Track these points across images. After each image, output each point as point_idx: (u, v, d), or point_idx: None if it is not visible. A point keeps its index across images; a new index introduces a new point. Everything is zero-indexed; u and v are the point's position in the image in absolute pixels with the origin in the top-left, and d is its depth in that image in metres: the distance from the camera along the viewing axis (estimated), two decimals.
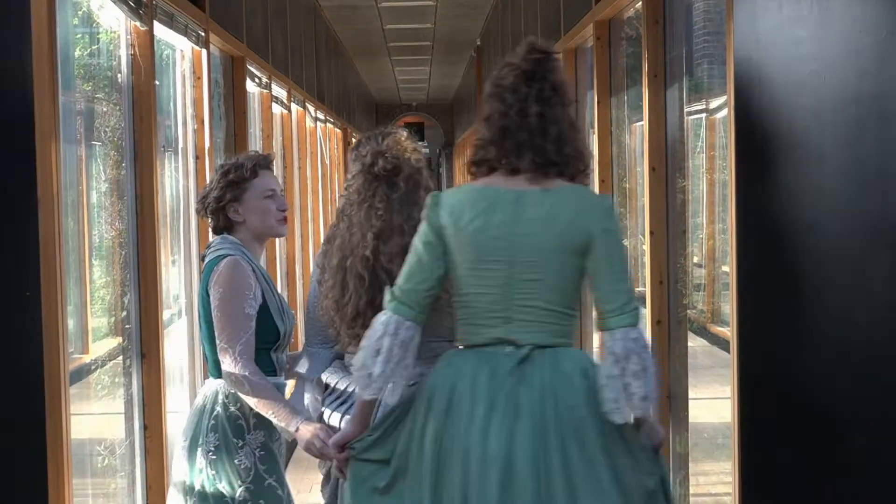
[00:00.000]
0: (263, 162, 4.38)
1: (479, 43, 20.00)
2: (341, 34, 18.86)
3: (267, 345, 4.18)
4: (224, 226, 4.31)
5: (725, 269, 5.88)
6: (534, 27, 10.95)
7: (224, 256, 4.17)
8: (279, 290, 5.29)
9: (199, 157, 7.21)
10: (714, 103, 5.64)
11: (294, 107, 12.58)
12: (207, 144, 7.23)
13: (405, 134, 4.12)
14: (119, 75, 5.69)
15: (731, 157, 4.08)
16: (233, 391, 4.10)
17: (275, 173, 4.46)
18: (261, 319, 4.15)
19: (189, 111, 7.21)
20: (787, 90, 3.47)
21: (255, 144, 10.20)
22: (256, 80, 9.73)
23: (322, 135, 15.86)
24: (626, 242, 7.37)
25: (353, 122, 23.00)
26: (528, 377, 3.30)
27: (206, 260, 4.27)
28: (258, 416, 4.10)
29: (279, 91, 11.20)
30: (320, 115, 15.66)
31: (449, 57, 22.83)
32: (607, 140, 7.37)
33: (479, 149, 3.45)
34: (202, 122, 7.24)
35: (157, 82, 5.91)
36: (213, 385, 4.22)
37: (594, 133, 7.46)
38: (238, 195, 4.27)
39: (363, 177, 3.96)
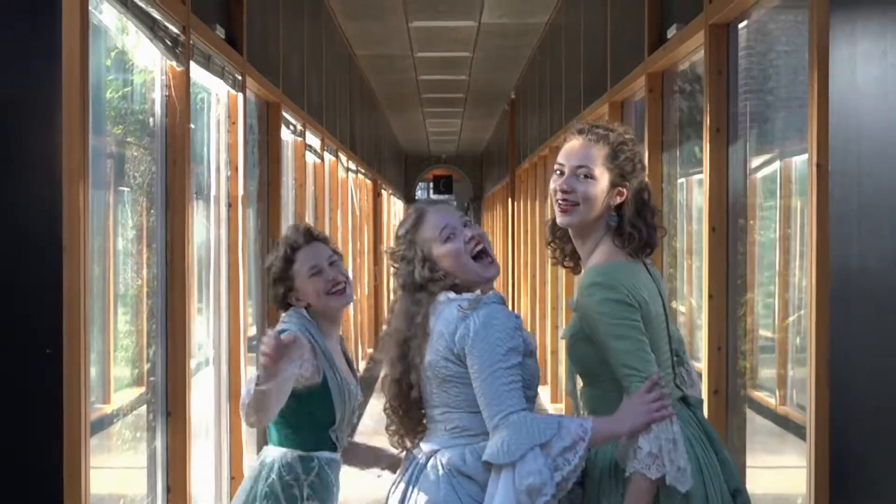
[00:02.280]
0: (296, 242, 4.33)
1: (513, 96, 19.76)
2: (375, 84, 18.65)
3: (326, 424, 4.14)
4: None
5: (763, 332, 5.54)
6: (576, 79, 10.67)
7: (282, 332, 3.95)
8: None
9: (231, 205, 6.93)
10: (792, 157, 5.31)
11: (327, 156, 12.31)
12: (241, 192, 6.95)
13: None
14: (152, 118, 5.42)
15: (811, 215, 3.76)
16: (288, 461, 4.12)
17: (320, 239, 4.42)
18: (320, 398, 4.06)
19: (223, 157, 6.93)
20: (890, 146, 3.14)
21: (288, 193, 9.92)
22: (291, 127, 9.46)
23: (353, 185, 15.59)
24: (679, 306, 7.04)
25: (382, 173, 22.76)
26: None
27: None
28: (312, 485, 4.11)
29: (313, 139, 10.94)
30: (352, 165, 15.40)
31: (481, 109, 22.59)
32: (658, 197, 7.05)
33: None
34: (236, 168, 6.96)
35: (192, 125, 5.64)
36: (272, 453, 4.20)
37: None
38: (290, 285, 4.28)
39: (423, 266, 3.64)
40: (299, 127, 9.83)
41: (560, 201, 3.46)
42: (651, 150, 7.10)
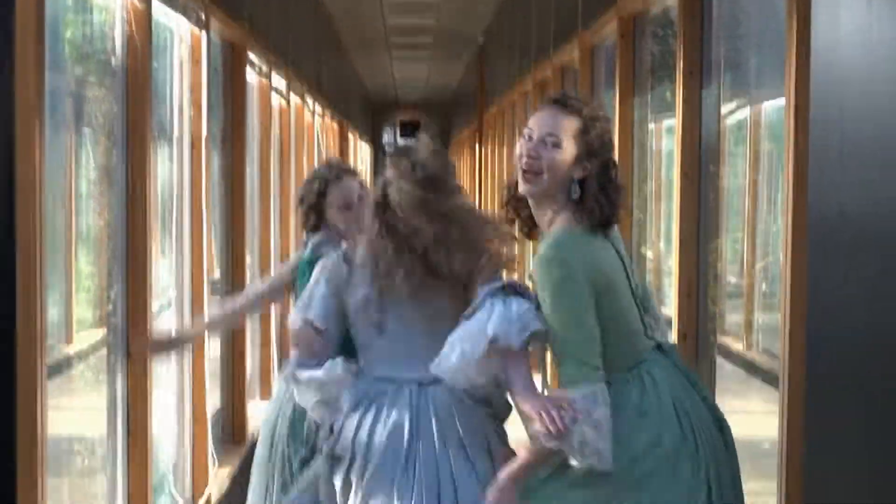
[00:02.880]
0: (329, 177, 4.94)
1: (481, 41, 19.60)
2: (342, 27, 18.45)
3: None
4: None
5: (731, 278, 5.49)
6: (546, 23, 10.55)
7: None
8: None
9: (194, 146, 6.79)
10: (762, 105, 5.23)
11: (293, 98, 12.16)
12: (204, 132, 6.82)
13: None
14: (113, 57, 5.27)
15: (789, 159, 3.69)
16: None
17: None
18: None
19: (186, 97, 6.78)
20: (871, 94, 3.06)
21: (253, 135, 9.78)
22: (256, 68, 9.31)
23: (320, 128, 15.45)
24: (648, 251, 6.98)
25: (349, 118, 22.58)
26: None
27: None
28: None
29: (279, 81, 10.78)
30: (318, 108, 15.24)
31: (449, 54, 22.42)
32: (628, 142, 6.97)
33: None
34: (199, 108, 6.82)
35: (154, 64, 5.51)
36: None
37: (615, 133, 7.04)
38: (321, 216, 4.94)
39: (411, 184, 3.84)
40: (265, 68, 9.68)
41: (524, 167, 3.47)
42: (622, 95, 7.01)
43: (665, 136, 6.78)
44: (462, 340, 3.46)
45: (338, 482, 3.78)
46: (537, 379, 3.50)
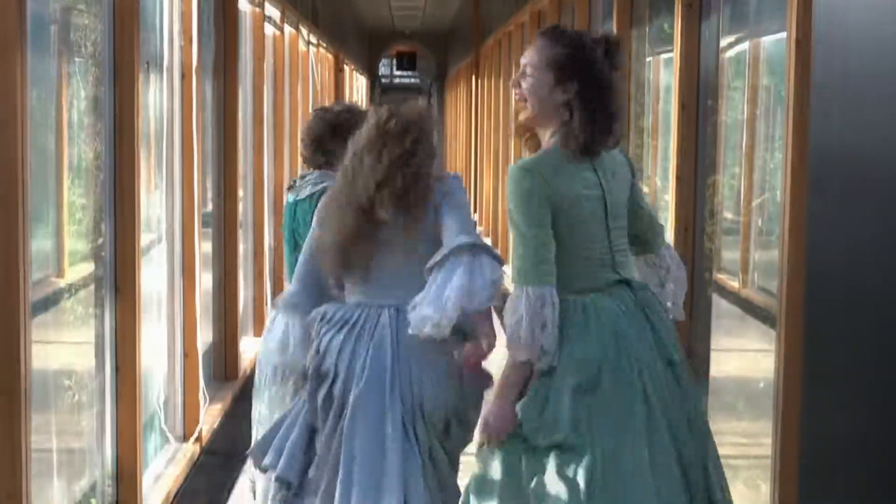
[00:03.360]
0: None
1: None
2: None
3: None
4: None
5: (727, 214, 5.41)
6: None
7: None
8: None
9: (185, 76, 6.68)
10: (761, 39, 5.12)
11: (287, 28, 12.01)
12: (195, 62, 6.70)
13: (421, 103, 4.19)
14: None
15: (789, 93, 3.60)
16: None
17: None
18: None
19: (176, 26, 6.66)
20: (876, 29, 2.96)
21: (246, 66, 9.66)
22: None
23: (315, 59, 15.29)
24: (644, 186, 6.89)
25: (345, 48, 22.37)
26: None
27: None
28: None
29: (272, 11, 10.64)
30: (313, 39, 15.08)
31: None
32: (626, 75, 6.85)
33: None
34: (190, 38, 6.70)
35: None
36: None
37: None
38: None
39: (375, 132, 4.08)
40: None
41: (516, 98, 3.68)
42: (620, 27, 6.89)
43: (663, 70, 6.67)
44: (431, 306, 3.78)
45: (320, 399, 4.01)
46: None
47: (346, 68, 23.06)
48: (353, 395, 3.94)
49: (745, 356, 5.31)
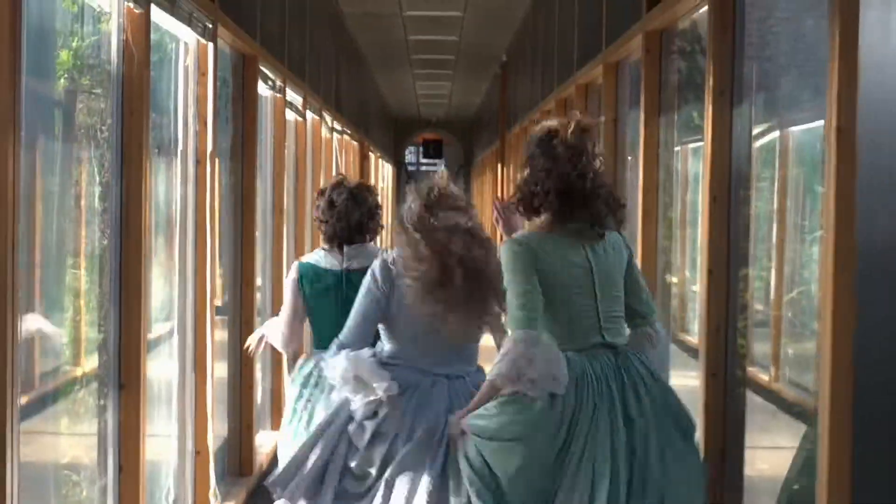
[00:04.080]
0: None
1: (505, 59, 19.31)
2: (363, 43, 18.20)
3: None
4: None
5: (758, 306, 5.17)
6: (570, 40, 10.24)
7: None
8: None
9: (200, 162, 6.50)
10: (789, 129, 4.91)
11: (310, 115, 11.87)
12: (210, 148, 6.52)
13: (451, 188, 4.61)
14: (109, 66, 4.98)
15: (830, 185, 3.36)
16: None
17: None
18: None
19: (191, 111, 6.49)
20: None
21: (266, 151, 9.50)
22: (270, 82, 9.02)
23: (339, 146, 15.16)
24: (671, 279, 6.65)
25: (370, 136, 22.30)
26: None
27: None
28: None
29: (294, 97, 10.50)
30: (336, 126, 14.97)
31: (472, 72, 22.15)
32: (654, 164, 6.65)
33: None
34: (205, 123, 6.52)
35: (151, 72, 5.21)
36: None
37: (640, 155, 6.73)
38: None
39: (421, 206, 4.52)
40: (279, 83, 9.39)
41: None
42: (647, 115, 6.69)
43: (692, 159, 6.46)
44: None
45: (377, 457, 4.42)
46: None
47: (372, 155, 22.97)
48: (405, 450, 4.38)
49: (779, 454, 5.04)
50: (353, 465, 4.42)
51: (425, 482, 4.28)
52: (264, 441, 8.91)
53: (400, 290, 4.52)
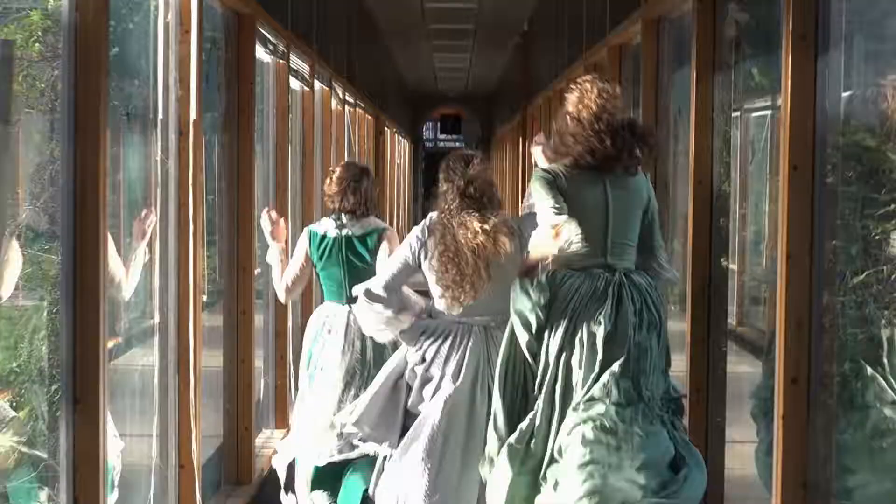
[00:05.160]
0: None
1: (525, 28, 18.36)
2: (378, 12, 17.26)
3: None
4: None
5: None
6: (600, 2, 9.31)
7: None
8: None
9: (182, 133, 5.62)
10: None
11: (318, 85, 10.98)
12: (193, 116, 5.63)
13: (481, 160, 5.43)
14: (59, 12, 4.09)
15: None
16: None
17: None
18: None
19: (172, 74, 5.61)
20: None
21: (268, 123, 8.62)
22: (270, 46, 8.12)
23: (350, 120, 14.24)
24: (729, 265, 5.75)
25: (386, 111, 21.35)
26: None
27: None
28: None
29: (300, 64, 9.59)
30: (349, 98, 14.06)
31: (492, 44, 21.15)
32: (706, 129, 5.75)
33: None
34: (188, 88, 5.63)
35: (125, 27, 4.33)
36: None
37: (690, 120, 5.82)
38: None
39: (459, 197, 5.32)
40: (281, 47, 8.50)
41: None
42: (699, 73, 5.79)
43: (753, 126, 5.56)
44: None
45: (426, 393, 5.31)
46: None
47: (388, 130, 22.02)
48: (452, 388, 5.23)
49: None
50: (409, 400, 5.36)
51: (469, 420, 5.20)
52: (266, 443, 8.08)
53: (429, 251, 5.32)
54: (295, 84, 9.65)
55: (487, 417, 4.99)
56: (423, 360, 5.29)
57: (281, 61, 8.62)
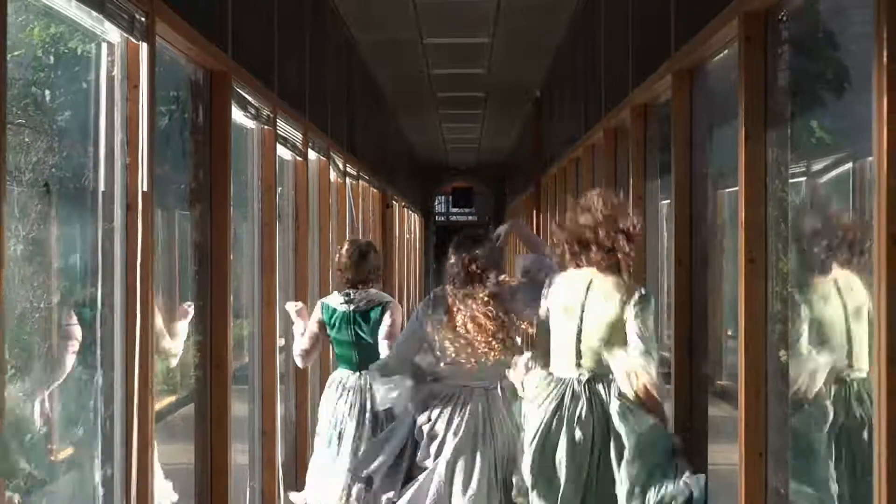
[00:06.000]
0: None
1: (538, 94, 17.48)
2: (381, 78, 16.40)
3: None
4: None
5: None
6: (622, 49, 8.39)
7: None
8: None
9: (130, 207, 4.68)
10: None
11: (314, 155, 10.06)
12: (144, 187, 4.69)
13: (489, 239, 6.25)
14: None
15: None
16: None
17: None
18: None
19: (119, 137, 4.68)
20: None
21: (254, 195, 7.69)
22: (252, 110, 7.20)
23: (353, 193, 13.30)
24: (786, 356, 4.76)
25: (393, 184, 20.42)
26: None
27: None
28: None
29: (291, 132, 8.68)
30: (351, 170, 13.14)
31: (503, 111, 20.29)
32: (760, 195, 4.78)
33: None
34: (137, 153, 4.70)
35: (52, 77, 3.40)
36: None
37: (740, 183, 4.86)
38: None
39: (465, 272, 6.08)
40: (266, 112, 7.58)
41: None
42: (748, 127, 4.83)
43: (820, 189, 4.62)
44: None
45: (432, 450, 5.99)
46: None
47: (395, 204, 21.09)
48: (455, 441, 5.93)
49: None
50: (417, 456, 5.99)
51: (471, 466, 5.86)
52: None
53: (434, 323, 5.99)
54: (286, 154, 8.75)
55: (488, 469, 5.88)
56: (429, 419, 5.98)
57: (266, 127, 7.71)
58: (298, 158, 9.26)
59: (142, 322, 4.63)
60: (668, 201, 6.66)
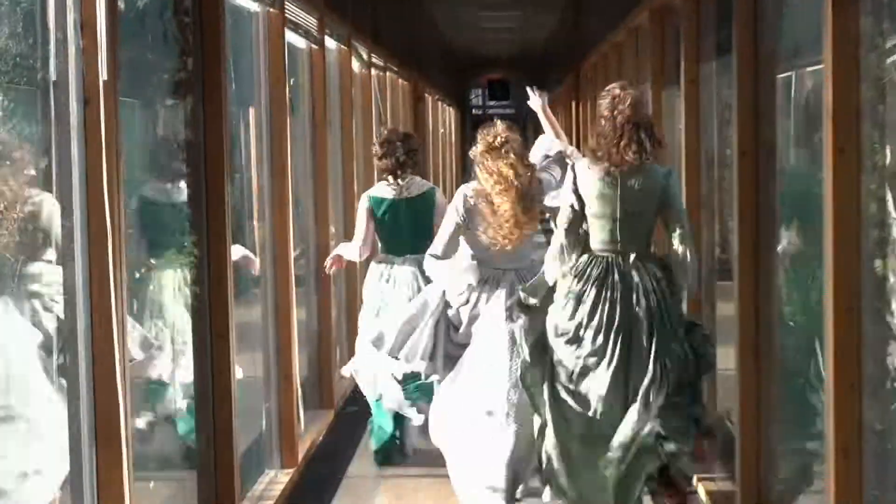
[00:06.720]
0: None
1: None
2: None
3: None
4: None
5: None
6: None
7: None
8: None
9: (88, 101, 3.88)
10: None
11: (332, 43, 9.23)
12: (104, 76, 3.89)
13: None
14: None
15: None
16: None
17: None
18: None
19: (71, 18, 3.87)
20: None
21: (262, 91, 6.90)
22: None
23: (378, 84, 12.45)
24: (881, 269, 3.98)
25: (426, 75, 19.50)
26: None
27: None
28: None
29: (303, 16, 7.86)
30: (377, 61, 12.29)
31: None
32: (851, 73, 3.96)
33: None
34: (95, 37, 3.89)
35: None
36: None
37: (827, 60, 4.04)
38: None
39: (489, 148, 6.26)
40: None
41: None
42: None
43: None
44: None
45: (473, 328, 6.29)
46: None
47: (428, 97, 20.19)
48: (491, 319, 6.23)
49: None
50: (456, 337, 6.34)
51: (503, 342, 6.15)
52: (268, 488, 6.50)
53: (471, 214, 6.21)
54: (296, 40, 7.93)
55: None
56: (468, 301, 6.30)
57: (272, 10, 6.88)
58: (314, 46, 8.44)
59: (113, 235, 3.87)
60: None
